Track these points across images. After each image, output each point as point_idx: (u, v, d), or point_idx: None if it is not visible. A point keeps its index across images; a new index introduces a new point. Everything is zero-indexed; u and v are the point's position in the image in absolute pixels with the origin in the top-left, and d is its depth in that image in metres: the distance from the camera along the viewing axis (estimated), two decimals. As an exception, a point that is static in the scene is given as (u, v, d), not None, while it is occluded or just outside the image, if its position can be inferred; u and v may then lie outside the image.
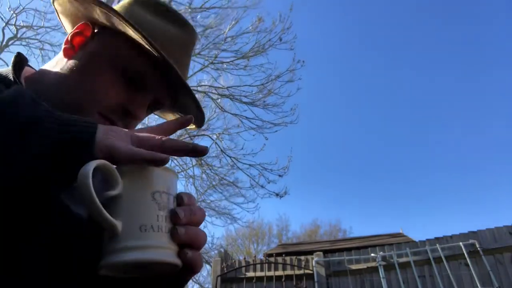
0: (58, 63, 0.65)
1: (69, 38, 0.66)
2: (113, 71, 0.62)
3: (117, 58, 0.62)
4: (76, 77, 0.62)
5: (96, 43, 0.64)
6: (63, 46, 0.67)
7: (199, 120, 0.76)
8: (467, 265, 4.56)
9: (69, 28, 0.72)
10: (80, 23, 0.67)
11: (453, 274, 4.55)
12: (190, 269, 0.45)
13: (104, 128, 0.43)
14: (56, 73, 0.63)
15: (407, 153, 33.69)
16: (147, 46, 0.60)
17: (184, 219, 0.43)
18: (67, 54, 0.65)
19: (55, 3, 0.69)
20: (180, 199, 0.45)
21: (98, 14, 0.63)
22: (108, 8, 0.60)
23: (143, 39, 0.59)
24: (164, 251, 0.40)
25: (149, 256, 0.39)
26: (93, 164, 0.38)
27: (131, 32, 0.60)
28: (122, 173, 0.41)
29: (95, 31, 0.66)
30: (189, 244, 0.44)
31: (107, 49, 0.63)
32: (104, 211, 0.38)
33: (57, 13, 0.72)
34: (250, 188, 7.72)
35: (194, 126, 0.79)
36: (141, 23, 0.62)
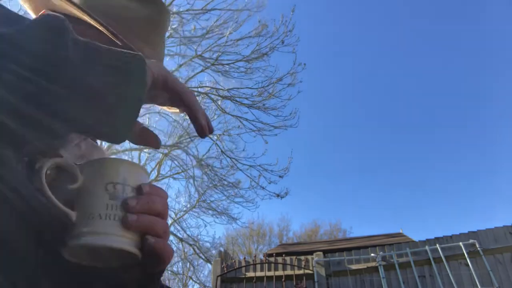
0: None
1: None
2: None
3: None
4: None
5: None
6: None
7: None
8: (467, 265, 4.56)
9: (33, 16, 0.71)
10: (42, 11, 0.67)
11: (453, 274, 4.55)
12: (156, 257, 0.45)
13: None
14: None
15: (407, 153, 33.69)
16: (99, 26, 0.58)
17: (136, 206, 0.43)
18: None
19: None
20: (139, 189, 0.45)
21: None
22: None
23: (81, 12, 0.58)
24: (113, 237, 0.42)
25: (96, 241, 0.41)
26: (48, 162, 0.42)
27: (76, 12, 0.59)
28: (83, 168, 0.45)
29: None
30: (144, 232, 0.44)
31: None
32: (58, 204, 0.42)
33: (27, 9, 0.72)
34: (250, 188, 7.73)
35: (177, 110, 0.80)
36: (104, 7, 0.62)
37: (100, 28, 0.59)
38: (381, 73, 31.95)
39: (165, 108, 0.79)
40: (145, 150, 8.73)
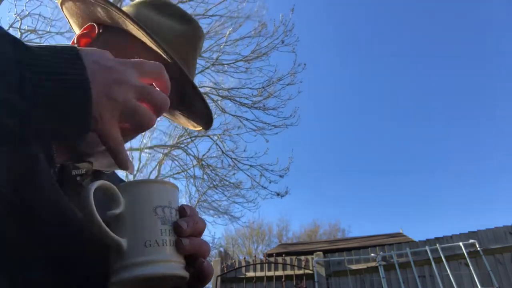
0: None
1: (75, 40, 0.67)
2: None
3: (118, 55, 0.62)
4: None
5: (99, 42, 0.65)
6: None
7: (208, 119, 0.75)
8: (467, 265, 4.56)
9: (77, 31, 0.73)
10: (87, 24, 0.68)
11: (453, 274, 4.55)
12: (202, 278, 0.46)
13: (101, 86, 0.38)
14: None
15: (407, 153, 33.68)
16: (148, 42, 0.59)
17: (187, 230, 0.43)
18: None
19: (63, 7, 0.69)
20: (182, 211, 0.45)
21: (100, 12, 0.63)
22: (106, 3, 0.60)
23: (142, 32, 0.58)
24: (170, 264, 0.41)
25: (156, 271, 0.40)
26: (93, 186, 0.40)
27: (131, 26, 0.60)
28: (123, 190, 0.43)
29: (100, 31, 0.66)
30: (194, 254, 0.44)
31: (109, 46, 0.63)
32: (109, 231, 0.40)
33: (66, 16, 0.73)
34: (251, 188, 7.73)
35: (200, 128, 0.79)
36: (145, 21, 0.62)
37: (143, 35, 0.59)
38: (382, 72, 31.95)
39: (186, 123, 0.81)
40: (145, 150, 8.74)
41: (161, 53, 0.60)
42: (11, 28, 6.21)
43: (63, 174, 0.54)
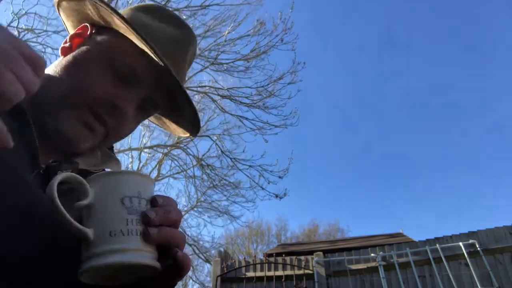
0: (56, 63, 0.66)
1: (68, 39, 0.67)
2: (102, 65, 0.61)
3: (107, 53, 0.62)
4: (67, 71, 0.62)
5: (91, 42, 0.65)
6: (61, 46, 0.68)
7: (195, 125, 0.74)
8: (467, 265, 4.55)
9: (72, 32, 0.73)
10: (81, 25, 0.68)
11: (453, 274, 4.55)
12: (178, 269, 0.45)
13: None
14: (50, 70, 0.64)
15: (407, 153, 33.69)
16: (138, 42, 0.59)
17: (156, 219, 0.43)
18: (64, 53, 0.66)
19: (60, 9, 0.70)
20: (153, 201, 0.45)
21: (90, 9, 0.64)
22: (96, 0, 0.61)
23: (130, 29, 0.58)
24: (136, 253, 0.41)
25: (120, 259, 0.40)
26: (58, 178, 0.40)
27: (120, 24, 0.60)
28: (92, 182, 0.43)
29: (93, 31, 0.66)
30: (166, 244, 0.44)
31: (99, 44, 0.64)
32: (73, 221, 0.40)
33: (62, 19, 0.73)
34: (250, 188, 7.73)
35: (188, 135, 0.79)
36: (137, 24, 0.62)
37: (132, 33, 0.59)
38: (382, 71, 31.94)
39: (174, 131, 0.80)
40: (145, 150, 8.73)
41: (150, 53, 0.59)
42: (8, 28, 6.21)
43: (48, 175, 0.54)
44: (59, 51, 0.67)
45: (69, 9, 0.69)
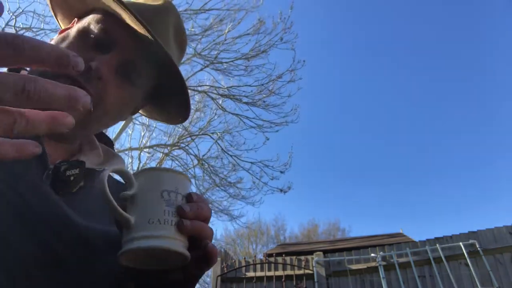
0: None
1: (58, 33, 0.69)
2: (79, 37, 0.62)
3: (83, 26, 0.63)
4: None
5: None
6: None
7: (184, 106, 0.73)
8: (467, 265, 4.56)
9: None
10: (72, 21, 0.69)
11: (453, 274, 4.55)
12: (208, 259, 0.49)
13: None
14: None
15: (407, 153, 33.70)
16: (113, 5, 0.60)
17: (189, 213, 0.47)
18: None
19: (52, 6, 0.71)
20: (189, 197, 0.49)
21: None
22: None
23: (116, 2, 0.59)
24: (169, 240, 0.45)
25: (155, 244, 0.45)
26: (108, 170, 0.46)
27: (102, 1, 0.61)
28: (137, 176, 0.49)
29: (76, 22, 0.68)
30: (196, 236, 0.48)
31: (77, 24, 0.65)
32: (119, 209, 0.45)
33: (57, 20, 0.74)
34: (252, 187, 7.73)
35: (177, 122, 0.79)
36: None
37: (127, 14, 0.60)
38: (383, 71, 31.97)
39: (163, 120, 0.80)
40: (145, 150, 8.73)
41: (124, 14, 0.59)
42: (6, 26, 6.22)
43: (57, 175, 0.55)
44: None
45: (56, 5, 0.70)
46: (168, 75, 0.68)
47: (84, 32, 0.62)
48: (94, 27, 0.62)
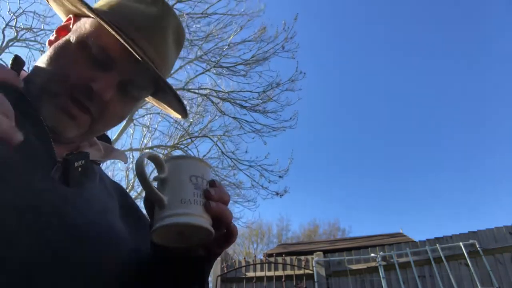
0: (41, 56, 0.67)
1: (54, 32, 0.69)
2: (79, 52, 0.62)
3: (83, 39, 0.63)
4: (48, 62, 0.63)
5: (71, 31, 0.66)
6: (48, 39, 0.69)
7: (182, 111, 0.77)
8: (467, 265, 4.55)
9: None
10: (67, 17, 0.70)
11: (453, 274, 4.55)
12: (229, 237, 0.56)
13: None
14: (37, 63, 0.65)
15: (407, 153, 33.67)
16: (106, 27, 0.60)
17: (215, 195, 0.53)
18: (50, 44, 0.67)
19: (50, 3, 0.72)
20: (212, 183, 0.55)
21: None
22: None
23: (94, 15, 0.61)
24: (200, 218, 0.51)
25: (187, 220, 0.50)
26: (145, 155, 0.52)
27: (85, 11, 0.63)
28: (167, 161, 0.55)
29: (76, 21, 0.68)
30: (219, 216, 0.53)
31: (76, 32, 0.64)
32: (155, 190, 0.51)
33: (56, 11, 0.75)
34: (251, 188, 7.74)
35: (180, 116, 0.81)
36: (112, 7, 0.65)
37: (98, 18, 0.61)
38: (381, 72, 31.94)
39: (167, 111, 0.81)
40: (145, 151, 8.74)
41: (118, 38, 0.59)
42: (7, 27, 6.23)
43: (67, 167, 0.58)
44: (46, 44, 0.68)
45: (54, 2, 0.71)
46: (163, 89, 0.71)
47: (83, 47, 0.62)
48: (93, 43, 0.62)
